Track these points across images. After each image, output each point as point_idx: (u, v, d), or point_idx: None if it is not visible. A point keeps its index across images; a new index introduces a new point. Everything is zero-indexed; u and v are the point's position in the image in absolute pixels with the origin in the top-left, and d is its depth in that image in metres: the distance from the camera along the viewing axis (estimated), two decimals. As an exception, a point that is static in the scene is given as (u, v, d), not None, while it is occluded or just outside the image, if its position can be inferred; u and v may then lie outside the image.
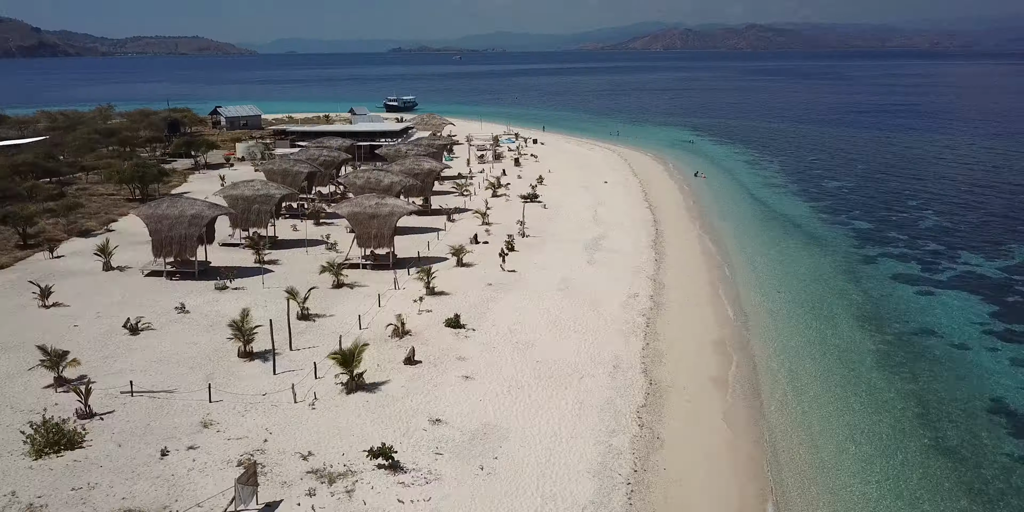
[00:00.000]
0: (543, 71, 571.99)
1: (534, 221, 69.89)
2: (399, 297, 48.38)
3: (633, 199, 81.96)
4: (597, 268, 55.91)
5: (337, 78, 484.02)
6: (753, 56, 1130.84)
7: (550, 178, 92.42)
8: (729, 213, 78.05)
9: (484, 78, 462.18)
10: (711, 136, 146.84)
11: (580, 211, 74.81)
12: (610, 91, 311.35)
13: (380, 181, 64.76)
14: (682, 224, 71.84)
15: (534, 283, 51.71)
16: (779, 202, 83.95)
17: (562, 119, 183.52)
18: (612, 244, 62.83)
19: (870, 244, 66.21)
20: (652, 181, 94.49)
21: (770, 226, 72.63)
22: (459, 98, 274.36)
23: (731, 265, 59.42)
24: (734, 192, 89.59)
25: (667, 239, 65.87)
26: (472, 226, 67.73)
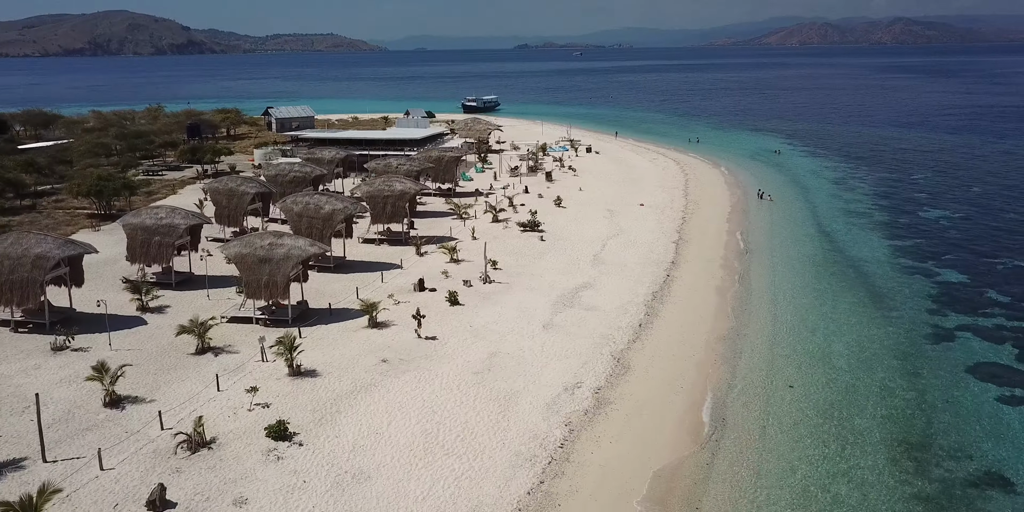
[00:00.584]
0: (659, 68, 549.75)
1: (517, 258, 56.78)
2: (257, 373, 36.80)
3: (663, 229, 67.10)
4: (552, 337, 42.27)
5: (444, 75, 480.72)
6: (896, 51, 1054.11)
7: (576, 198, 78.68)
8: (779, 252, 61.97)
9: (593, 75, 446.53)
10: (805, 145, 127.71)
11: (583, 245, 60.93)
12: (717, 90, 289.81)
13: (320, 208, 53.34)
14: (707, 269, 56.68)
15: (448, 360, 38.81)
16: (852, 239, 66.82)
17: (646, 121, 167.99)
18: (594, 297, 48.85)
19: (953, 311, 49.08)
20: (702, 204, 78.88)
21: (826, 275, 56.30)
22: (549, 97, 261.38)
23: (742, 334, 44.22)
24: (799, 222, 72.81)
25: (673, 291, 51.11)
26: (441, 262, 55.46)
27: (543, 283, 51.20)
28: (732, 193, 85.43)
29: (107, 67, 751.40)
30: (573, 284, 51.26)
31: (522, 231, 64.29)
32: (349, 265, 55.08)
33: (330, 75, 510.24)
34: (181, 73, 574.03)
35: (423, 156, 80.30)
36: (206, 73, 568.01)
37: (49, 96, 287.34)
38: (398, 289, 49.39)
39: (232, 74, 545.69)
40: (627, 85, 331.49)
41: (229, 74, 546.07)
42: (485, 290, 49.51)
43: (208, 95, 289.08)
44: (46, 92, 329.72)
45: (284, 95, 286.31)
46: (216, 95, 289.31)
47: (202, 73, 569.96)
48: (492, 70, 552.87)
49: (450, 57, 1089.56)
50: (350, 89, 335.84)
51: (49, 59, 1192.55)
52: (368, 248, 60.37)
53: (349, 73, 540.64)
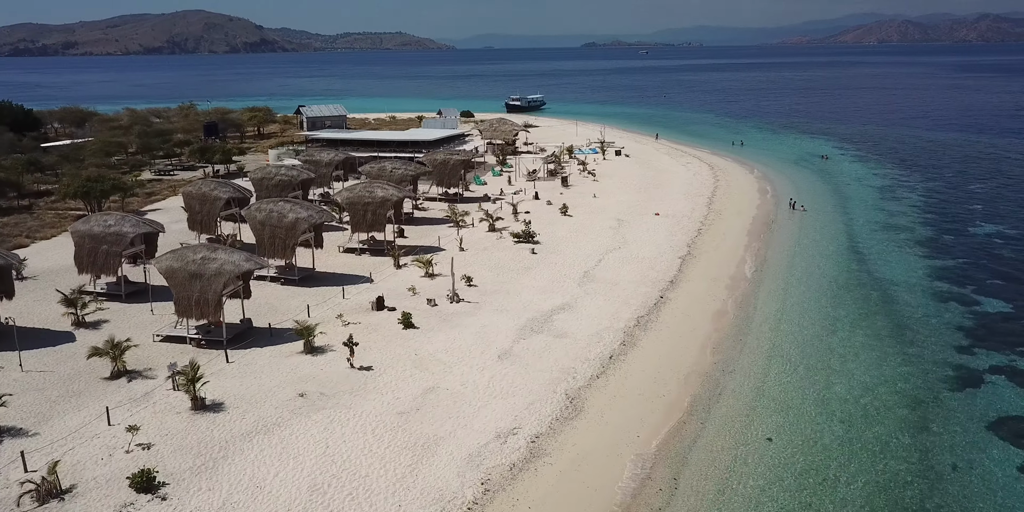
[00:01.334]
0: (724, 67, 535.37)
1: (499, 273, 52.02)
2: (160, 405, 33.08)
3: (672, 242, 61.33)
4: (505, 369, 37.42)
5: (503, 73, 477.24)
6: (981, 50, 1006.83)
7: (587, 205, 73.37)
8: (797, 271, 55.62)
9: (653, 74, 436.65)
10: (858, 149, 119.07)
11: (577, 260, 55.72)
12: (779, 89, 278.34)
13: (283, 217, 49.52)
14: (709, 290, 50.85)
15: (375, 396, 34.38)
16: (885, 257, 59.88)
17: (694, 123, 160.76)
18: (569, 321, 43.74)
19: (987, 348, 42.34)
20: (725, 213, 72.59)
21: (846, 299, 49.91)
22: (601, 96, 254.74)
23: (729, 370, 38.57)
24: (829, 236, 65.98)
25: (662, 316, 45.57)
26: (416, 276, 51.15)
27: (517, 303, 46.31)
28: (762, 202, 78.75)
29: (178, 65, 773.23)
30: (550, 305, 46.21)
31: (515, 242, 59.48)
32: (317, 277, 51.22)
33: (391, 73, 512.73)
34: (248, 71, 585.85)
35: (428, 158, 76.12)
36: (272, 71, 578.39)
37: (112, 93, 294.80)
38: (355, 307, 45.24)
39: (296, 72, 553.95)
40: (685, 84, 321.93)
41: (293, 72, 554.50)
42: (449, 310, 44.91)
43: (263, 93, 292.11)
44: (111, 89, 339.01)
45: (336, 93, 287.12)
46: (271, 92, 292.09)
47: (268, 71, 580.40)
48: (553, 69, 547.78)
49: (516, 56, 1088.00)
50: (402, 87, 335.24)
51: (129, 57, 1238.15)
52: (347, 258, 56.46)
53: (408, 71, 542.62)
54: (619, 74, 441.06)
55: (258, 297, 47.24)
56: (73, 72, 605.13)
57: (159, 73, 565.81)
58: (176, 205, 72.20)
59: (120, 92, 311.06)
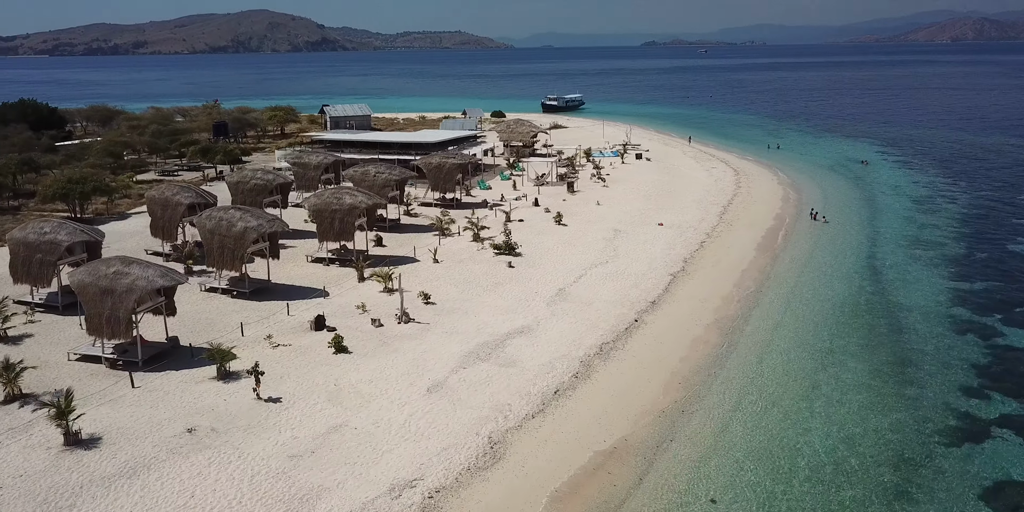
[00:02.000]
0: (783, 66, 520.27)
1: (464, 290, 47.97)
2: (35, 437, 30.05)
3: (668, 257, 56.34)
4: (432, 404, 33.38)
5: (556, 72, 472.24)
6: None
7: (586, 214, 68.73)
8: (801, 292, 50.20)
9: (706, 73, 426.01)
10: (902, 154, 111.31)
11: (556, 275, 51.26)
12: (833, 90, 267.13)
13: (232, 226, 46.30)
14: (694, 313, 45.94)
15: (271, 434, 30.71)
16: (905, 277, 53.94)
17: (734, 124, 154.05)
18: (524, 347, 39.42)
19: (1001, 392, 36.65)
20: (737, 224, 67.11)
21: (849, 328, 44.53)
22: (645, 96, 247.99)
23: (688, 412, 33.84)
24: (847, 252, 60.07)
25: (631, 343, 40.91)
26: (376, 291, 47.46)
27: (471, 325, 42.18)
28: (782, 211, 72.89)
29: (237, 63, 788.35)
30: (508, 328, 41.94)
31: (495, 254, 55.31)
32: (271, 290, 47.92)
33: (442, 72, 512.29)
34: (301, 69, 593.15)
35: (423, 162, 72.45)
36: (325, 69, 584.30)
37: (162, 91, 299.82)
38: (295, 326, 41.73)
39: (348, 70, 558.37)
40: (737, 84, 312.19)
41: (346, 70, 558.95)
42: (393, 332, 41.02)
43: (308, 91, 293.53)
44: (162, 87, 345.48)
45: (378, 92, 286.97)
46: (316, 91, 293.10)
47: (320, 69, 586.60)
48: (608, 68, 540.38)
49: (574, 54, 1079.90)
50: (446, 86, 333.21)
51: (195, 56, 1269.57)
52: (313, 269, 53.08)
53: (458, 70, 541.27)
54: (672, 73, 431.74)
55: (201, 311, 44.36)
56: (136, 70, 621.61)
57: (214, 71, 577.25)
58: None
59: (169, 89, 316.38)
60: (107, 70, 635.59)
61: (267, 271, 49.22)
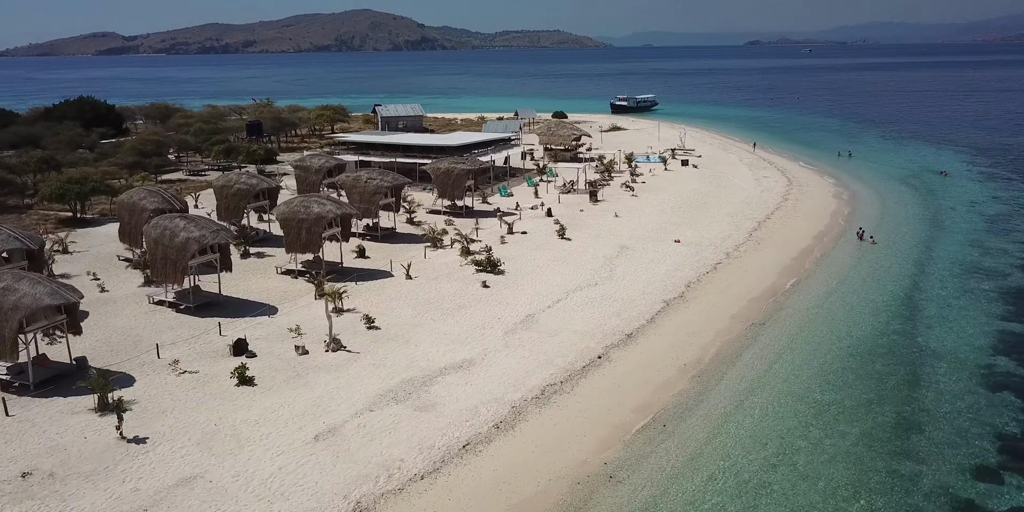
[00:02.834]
0: (891, 66, 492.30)
1: (420, 312, 43.39)
2: None
3: (671, 280, 50.15)
4: (312, 455, 28.96)
5: (646, 71, 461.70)
6: None
7: (597, 227, 62.96)
8: (815, 329, 43.35)
9: (799, 74, 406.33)
10: (990, 165, 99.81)
11: (531, 298, 46.00)
12: (929, 92, 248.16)
13: (175, 236, 43.14)
14: (675, 351, 39.93)
15: (112, 486, 26.98)
16: (947, 315, 46.09)
17: (810, 129, 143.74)
18: (455, 386, 34.53)
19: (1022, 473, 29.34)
20: (767, 243, 59.99)
21: (859, 376, 37.78)
22: (726, 97, 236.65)
23: (621, 480, 28.31)
24: (887, 280, 52.28)
25: (582, 386, 35.42)
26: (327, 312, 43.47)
27: (406, 357, 37.53)
28: (826, 229, 65.05)
29: (332, 62, 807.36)
30: (448, 361, 37.08)
31: (476, 271, 50.47)
32: (220, 305, 44.61)
33: (532, 71, 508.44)
34: (391, 67, 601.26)
35: (431, 168, 68.25)
36: (414, 68, 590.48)
37: (248, 89, 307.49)
38: (217, 349, 38.08)
39: (440, 69, 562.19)
40: (831, 86, 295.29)
41: (438, 69, 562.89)
42: (315, 362, 36.80)
43: (383, 90, 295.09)
44: (249, 85, 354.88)
45: (453, 91, 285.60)
46: (391, 90, 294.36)
47: (415, 68, 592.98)
48: (701, 67, 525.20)
49: (673, 54, 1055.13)
50: (527, 85, 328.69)
51: (299, 54, 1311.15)
52: (278, 282, 49.61)
53: (546, 69, 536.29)
54: (766, 74, 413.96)
55: (135, 327, 41.46)
56: (234, 69, 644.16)
57: (306, 70, 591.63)
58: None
59: (256, 87, 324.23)
60: (208, 68, 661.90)
61: (218, 284, 45.96)
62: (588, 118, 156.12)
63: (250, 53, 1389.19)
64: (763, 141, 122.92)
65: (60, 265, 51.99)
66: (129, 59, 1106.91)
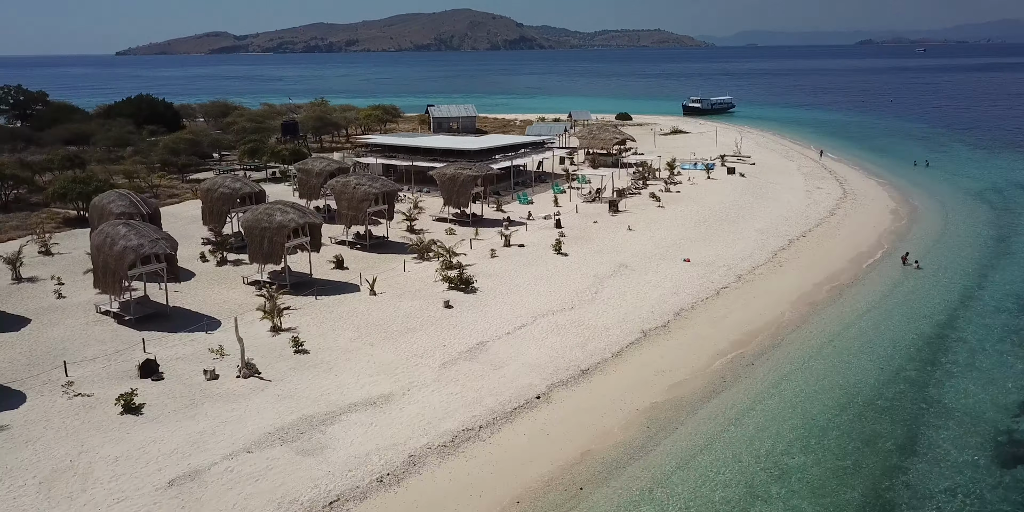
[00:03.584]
0: (1004, 67, 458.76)
1: (364, 334, 39.79)
2: None
3: (657, 308, 44.82)
4: (160, 502, 25.71)
5: (742, 72, 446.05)
6: None
7: (601, 241, 57.89)
8: (811, 370, 37.51)
9: (904, 75, 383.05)
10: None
11: (492, 323, 41.66)
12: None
13: (114, 244, 40.94)
14: (628, 395, 34.90)
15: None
16: (978, 362, 39.27)
17: (891, 134, 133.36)
18: (352, 427, 30.73)
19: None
20: (790, 265, 53.63)
21: (844, 435, 32.06)
22: (811, 100, 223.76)
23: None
24: (916, 314, 45.36)
25: (498, 437, 30.97)
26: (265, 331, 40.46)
27: (319, 388, 33.89)
28: (867, 250, 57.91)
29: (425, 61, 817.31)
30: (362, 395, 33.25)
31: (447, 289, 46.45)
32: (165, 317, 42.20)
33: (623, 71, 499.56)
34: (485, 67, 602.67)
35: (437, 173, 64.67)
36: (512, 67, 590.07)
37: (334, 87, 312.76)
38: (127, 371, 35.43)
39: (531, 68, 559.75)
40: (933, 88, 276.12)
41: (527, 68, 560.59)
42: (219, 389, 33.61)
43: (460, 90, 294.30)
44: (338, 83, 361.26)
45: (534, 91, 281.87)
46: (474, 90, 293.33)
47: (507, 67, 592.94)
48: (801, 67, 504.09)
49: (776, 54, 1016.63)
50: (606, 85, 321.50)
51: (398, 53, 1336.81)
52: (240, 293, 46.91)
53: (638, 69, 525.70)
54: (868, 74, 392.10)
55: (68, 339, 39.48)
56: (330, 67, 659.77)
57: (396, 69, 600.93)
58: (179, 211, 67.67)
59: (340, 86, 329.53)
60: (303, 66, 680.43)
61: (165, 295, 43.60)
62: (653, 120, 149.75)
63: (352, 52, 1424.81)
64: (836, 147, 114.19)
65: (33, 268, 50.95)
66: (237, 57, 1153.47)
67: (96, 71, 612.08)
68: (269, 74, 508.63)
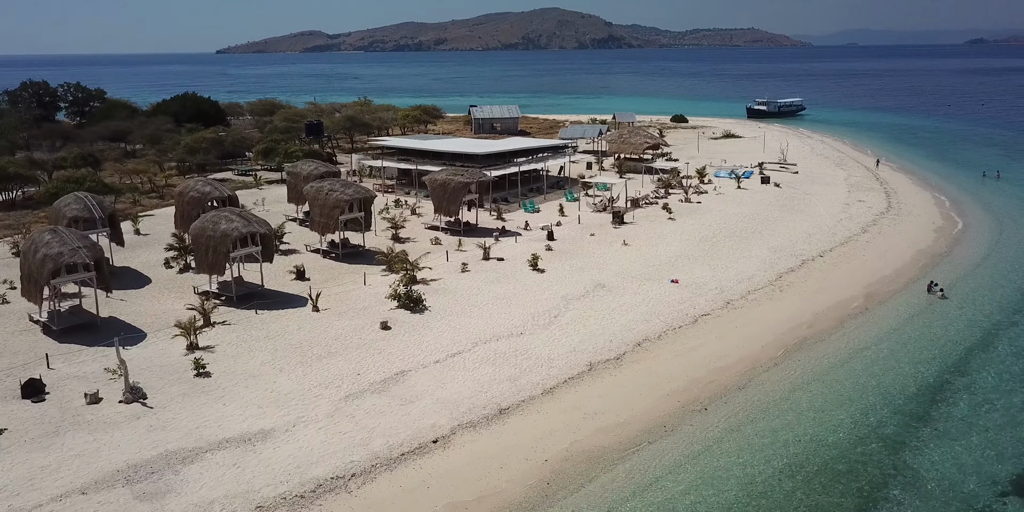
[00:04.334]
0: None
1: (275, 358, 36.84)
2: None
3: (617, 338, 40.20)
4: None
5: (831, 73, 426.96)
6: None
7: (586, 257, 53.35)
8: (761, 425, 32.45)
9: (1005, 76, 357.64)
10: None
11: (426, 349, 38.01)
12: None
13: (36, 251, 39.15)
14: (547, 437, 30.70)
15: None
16: (977, 421, 33.30)
17: (965, 142, 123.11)
18: (214, 469, 27.66)
19: None
20: (792, 291, 47.96)
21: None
22: (889, 102, 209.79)
23: None
24: (923, 355, 39.34)
25: (370, 490, 27.24)
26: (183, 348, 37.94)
27: (199, 419, 30.99)
28: (891, 274, 51.45)
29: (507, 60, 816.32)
30: (241, 430, 30.16)
31: (396, 307, 43.05)
32: (93, 328, 40.29)
33: (701, 70, 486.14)
34: (562, 66, 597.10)
35: (428, 179, 61.37)
36: (592, 67, 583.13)
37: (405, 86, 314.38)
38: (9, 390, 33.32)
39: (608, 67, 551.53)
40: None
41: (606, 68, 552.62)
42: (93, 416, 31.10)
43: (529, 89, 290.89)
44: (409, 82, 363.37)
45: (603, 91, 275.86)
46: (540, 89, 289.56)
47: (587, 67, 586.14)
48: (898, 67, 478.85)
49: (876, 53, 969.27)
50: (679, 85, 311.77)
51: (485, 53, 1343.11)
52: (185, 303, 44.69)
53: (720, 68, 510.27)
54: (966, 76, 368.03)
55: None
56: (410, 66, 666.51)
57: (475, 68, 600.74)
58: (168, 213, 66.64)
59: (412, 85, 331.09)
60: (386, 65, 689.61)
61: (95, 304, 41.66)
62: (709, 123, 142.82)
63: (441, 51, 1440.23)
64: (902, 155, 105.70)
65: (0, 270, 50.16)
66: (328, 56, 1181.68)
67: (190, 69, 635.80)
68: (348, 72, 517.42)
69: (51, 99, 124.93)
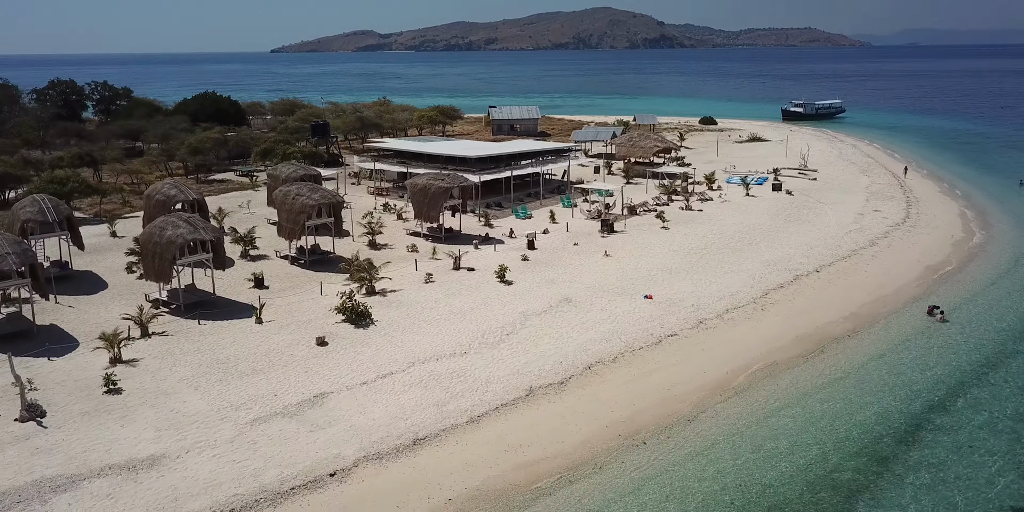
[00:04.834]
0: None
1: (198, 376, 34.90)
2: None
3: (575, 358, 37.37)
4: None
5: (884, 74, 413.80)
6: None
7: (566, 267, 50.53)
8: (707, 466, 29.37)
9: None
10: None
11: (361, 368, 35.73)
12: None
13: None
14: (453, 472, 28.10)
15: None
16: (951, 465, 29.67)
17: (1009, 148, 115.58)
18: (87, 500, 25.68)
19: None
20: (775, 309, 44.43)
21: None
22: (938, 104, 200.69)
23: None
24: (911, 385, 35.64)
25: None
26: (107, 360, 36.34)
27: (90, 441, 29.21)
28: (889, 294, 47.42)
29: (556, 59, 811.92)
30: (129, 455, 28.22)
31: (342, 320, 40.87)
32: (29, 336, 39.02)
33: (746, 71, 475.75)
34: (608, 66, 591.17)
35: (409, 184, 59.17)
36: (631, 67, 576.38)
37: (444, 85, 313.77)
38: (-83, 400, 32.03)
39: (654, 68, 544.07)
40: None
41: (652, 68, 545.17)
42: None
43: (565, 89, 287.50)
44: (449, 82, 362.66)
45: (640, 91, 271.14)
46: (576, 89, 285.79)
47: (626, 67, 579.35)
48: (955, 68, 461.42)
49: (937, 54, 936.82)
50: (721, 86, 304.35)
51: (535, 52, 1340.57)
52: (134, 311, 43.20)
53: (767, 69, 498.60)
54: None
55: (-89, 356, 36.61)
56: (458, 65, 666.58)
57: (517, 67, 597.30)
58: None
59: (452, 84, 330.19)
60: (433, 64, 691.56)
61: (31, 310, 40.37)
62: (739, 125, 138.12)
63: (491, 50, 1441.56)
64: (936, 161, 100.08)
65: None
66: (380, 56, 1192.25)
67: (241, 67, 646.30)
68: (392, 71, 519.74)
69: (77, 98, 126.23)
